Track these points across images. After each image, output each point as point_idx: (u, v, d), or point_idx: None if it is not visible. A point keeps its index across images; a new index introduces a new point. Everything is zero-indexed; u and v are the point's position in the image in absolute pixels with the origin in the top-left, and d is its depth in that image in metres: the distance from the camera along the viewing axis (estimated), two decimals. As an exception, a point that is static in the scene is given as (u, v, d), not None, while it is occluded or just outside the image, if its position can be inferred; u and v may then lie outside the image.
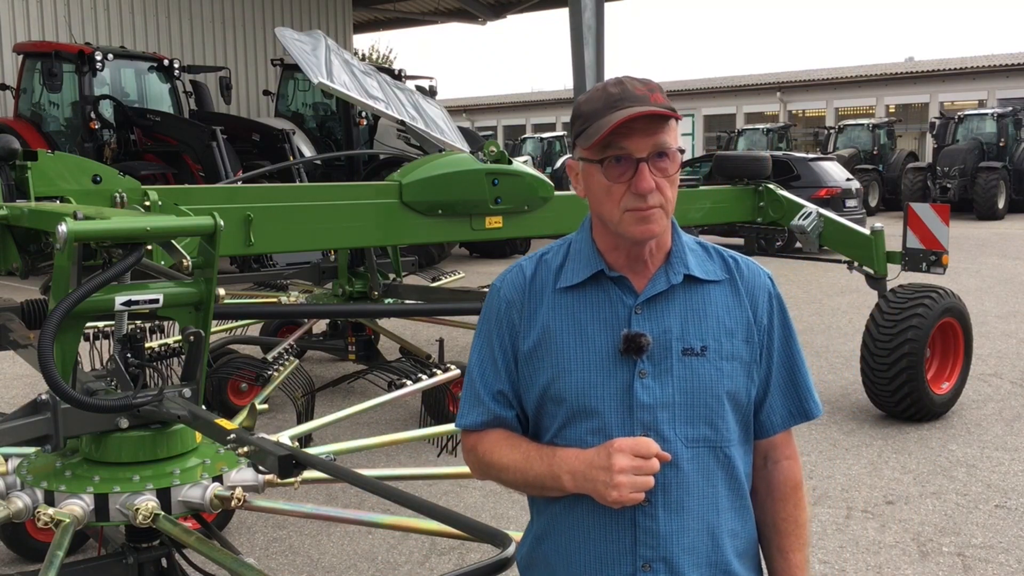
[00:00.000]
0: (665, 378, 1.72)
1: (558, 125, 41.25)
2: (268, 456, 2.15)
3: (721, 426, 1.74)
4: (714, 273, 1.80)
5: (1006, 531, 4.58)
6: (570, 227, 5.89)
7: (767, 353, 1.81)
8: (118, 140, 14.09)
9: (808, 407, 1.86)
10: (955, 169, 22.56)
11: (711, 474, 1.74)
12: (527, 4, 25.65)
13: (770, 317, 1.82)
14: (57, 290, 2.41)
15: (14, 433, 2.44)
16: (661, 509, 1.71)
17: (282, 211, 4.71)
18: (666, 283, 1.75)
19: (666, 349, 1.72)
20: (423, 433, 4.15)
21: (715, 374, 1.73)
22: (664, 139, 1.69)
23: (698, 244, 1.84)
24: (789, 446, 1.88)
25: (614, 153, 1.68)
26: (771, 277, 1.86)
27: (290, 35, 5.66)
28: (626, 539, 1.72)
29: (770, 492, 1.86)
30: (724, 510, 1.76)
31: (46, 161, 3.86)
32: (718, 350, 1.74)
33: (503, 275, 1.89)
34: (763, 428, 1.84)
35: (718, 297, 1.78)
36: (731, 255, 1.85)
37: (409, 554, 4.36)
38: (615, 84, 1.72)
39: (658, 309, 1.75)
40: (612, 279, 1.77)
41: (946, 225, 6.37)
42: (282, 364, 5.67)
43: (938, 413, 6.31)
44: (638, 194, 1.67)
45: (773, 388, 1.83)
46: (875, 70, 36.98)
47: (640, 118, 1.66)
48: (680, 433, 1.72)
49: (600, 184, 1.72)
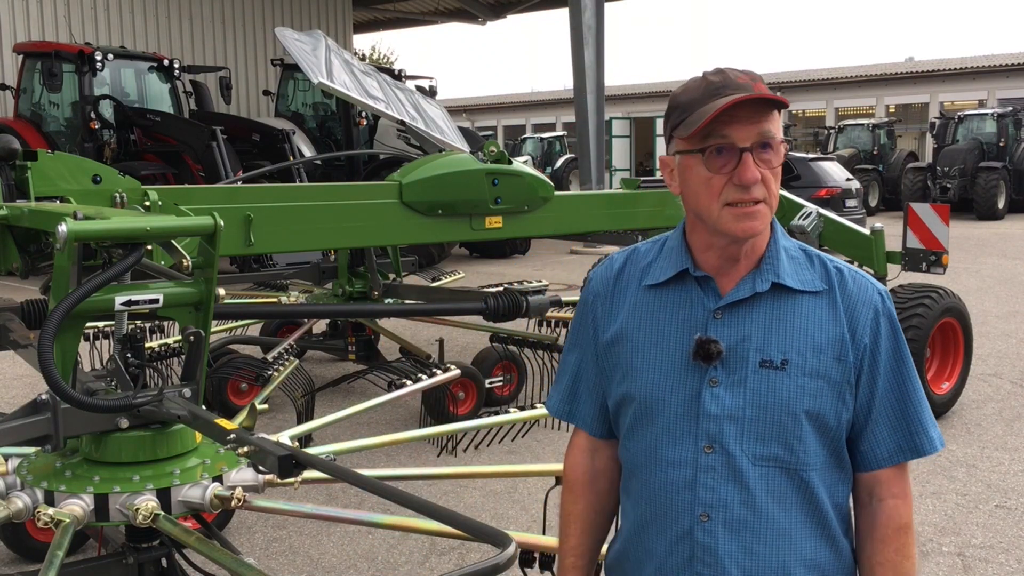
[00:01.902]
0: (737, 389, 1.62)
1: (558, 125, 41.24)
2: (268, 456, 2.15)
3: (798, 448, 1.61)
4: (810, 283, 1.67)
5: (1006, 531, 4.58)
6: (570, 227, 5.97)
7: (869, 378, 1.65)
8: (118, 140, 14.08)
9: (919, 442, 1.67)
10: (955, 169, 22.57)
11: (783, 498, 1.62)
12: (527, 4, 25.65)
13: (875, 338, 1.65)
14: (57, 290, 2.40)
15: (14, 433, 2.44)
16: (721, 526, 1.62)
17: (282, 211, 4.71)
18: (751, 289, 1.65)
19: (743, 359, 1.63)
20: (423, 433, 4.15)
21: (795, 391, 1.61)
22: (769, 128, 1.60)
23: (801, 250, 1.72)
24: (898, 484, 1.69)
25: (716, 143, 1.59)
26: (883, 293, 1.70)
27: (290, 35, 5.66)
28: (685, 553, 1.66)
29: (871, 532, 1.69)
30: (799, 538, 1.63)
31: (46, 161, 3.86)
32: (801, 365, 1.61)
33: (596, 266, 1.87)
34: (865, 460, 1.68)
35: (810, 309, 1.65)
36: (838, 266, 1.70)
37: (409, 554, 4.36)
38: (715, 73, 1.63)
39: (740, 316, 1.65)
40: (697, 279, 1.69)
41: (946, 225, 6.37)
42: (282, 364, 5.68)
43: (938, 413, 6.31)
44: (741, 185, 1.59)
45: (878, 417, 1.66)
46: (875, 70, 36.98)
47: (744, 106, 1.58)
48: (748, 450, 1.61)
49: (699, 176, 1.62)
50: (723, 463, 1.62)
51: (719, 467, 1.63)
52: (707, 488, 1.63)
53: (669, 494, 1.66)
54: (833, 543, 1.67)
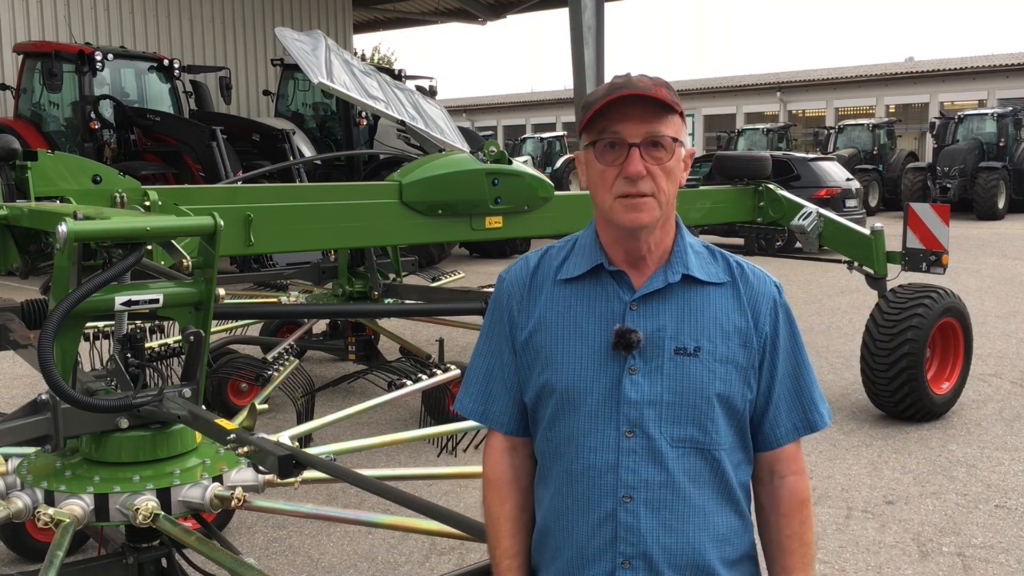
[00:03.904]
0: (655, 376, 1.71)
1: (558, 125, 41.25)
2: (268, 456, 2.16)
3: (711, 428, 1.72)
4: (716, 275, 1.78)
5: (1006, 531, 4.58)
6: (570, 227, 5.95)
7: (770, 363, 1.78)
8: (118, 140, 14.08)
9: (812, 419, 1.82)
10: (955, 169, 22.57)
11: (697, 477, 1.72)
12: (527, 4, 25.64)
13: (774, 326, 1.79)
14: (57, 290, 2.41)
15: (14, 433, 2.45)
16: (642, 506, 1.70)
17: (282, 211, 4.71)
18: (663, 281, 1.75)
19: (659, 347, 1.72)
20: (423, 433, 4.15)
21: (707, 375, 1.71)
22: (659, 128, 1.69)
23: (704, 247, 1.83)
24: (796, 461, 1.83)
25: (608, 138, 1.70)
26: (779, 287, 1.83)
27: (290, 35, 5.65)
28: (607, 534, 1.71)
29: (775, 507, 1.81)
30: (711, 515, 1.73)
31: (46, 161, 3.86)
32: (712, 351, 1.72)
33: (509, 267, 1.90)
34: (767, 440, 1.81)
35: (717, 299, 1.76)
36: (738, 261, 1.83)
37: (409, 554, 4.36)
38: (621, 76, 1.73)
39: (654, 307, 1.74)
40: (611, 273, 1.77)
41: (946, 225, 6.37)
42: (282, 364, 5.67)
43: (938, 413, 6.31)
44: (628, 178, 1.68)
45: (777, 399, 1.80)
46: (875, 70, 36.99)
47: (637, 106, 1.68)
48: (666, 432, 1.70)
49: (595, 169, 1.73)
50: (644, 446, 1.70)
51: (640, 450, 1.71)
52: (629, 470, 1.70)
53: (592, 478, 1.72)
54: (740, 517, 1.78)
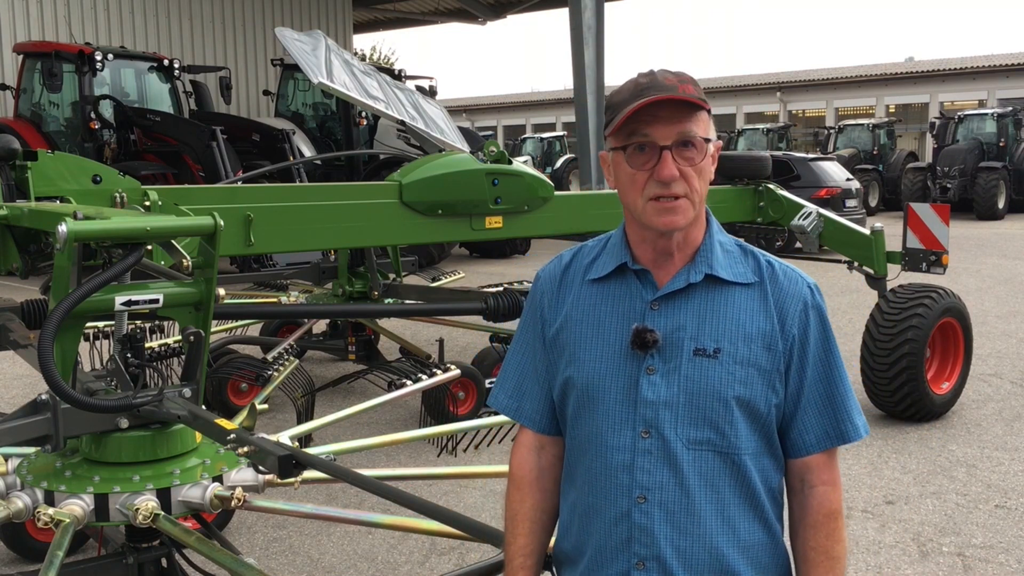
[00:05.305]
0: (672, 377, 1.69)
1: (558, 125, 41.25)
2: (268, 456, 2.16)
3: (729, 432, 1.68)
4: (742, 275, 1.74)
5: (1006, 531, 4.58)
6: (570, 227, 5.96)
7: (799, 367, 1.73)
8: (118, 140, 14.08)
9: (845, 429, 1.74)
10: (955, 169, 22.57)
11: (715, 480, 1.69)
12: (527, 4, 25.64)
13: (803, 329, 1.73)
14: (57, 290, 2.41)
15: (14, 433, 2.45)
16: (656, 507, 1.68)
17: (282, 211, 4.71)
18: (685, 281, 1.73)
19: (677, 348, 1.70)
20: (423, 433, 4.16)
21: (726, 377, 1.68)
22: (690, 128, 1.67)
23: (737, 245, 1.80)
24: (828, 471, 1.76)
25: (638, 141, 1.68)
26: (813, 288, 1.77)
27: (290, 35, 5.65)
28: (622, 534, 1.71)
29: (802, 518, 1.76)
30: (733, 520, 1.69)
31: (46, 161, 3.86)
32: (732, 353, 1.69)
33: (545, 265, 1.92)
34: (795, 447, 1.75)
35: (741, 300, 1.72)
36: (769, 260, 1.78)
37: (409, 554, 4.36)
38: (645, 75, 1.71)
39: (675, 306, 1.73)
40: (635, 272, 1.77)
41: (946, 225, 6.37)
42: (282, 364, 5.67)
43: (938, 413, 6.31)
44: (660, 181, 1.66)
45: (806, 405, 1.74)
46: (875, 70, 37.00)
47: (666, 106, 1.66)
48: (681, 434, 1.68)
49: (625, 172, 1.71)
50: (659, 447, 1.69)
51: (655, 451, 1.69)
52: (644, 471, 1.69)
53: (610, 477, 1.72)
54: (767, 526, 1.74)
